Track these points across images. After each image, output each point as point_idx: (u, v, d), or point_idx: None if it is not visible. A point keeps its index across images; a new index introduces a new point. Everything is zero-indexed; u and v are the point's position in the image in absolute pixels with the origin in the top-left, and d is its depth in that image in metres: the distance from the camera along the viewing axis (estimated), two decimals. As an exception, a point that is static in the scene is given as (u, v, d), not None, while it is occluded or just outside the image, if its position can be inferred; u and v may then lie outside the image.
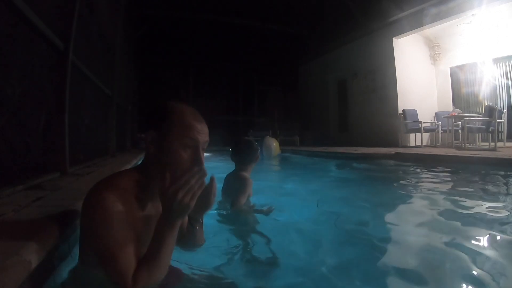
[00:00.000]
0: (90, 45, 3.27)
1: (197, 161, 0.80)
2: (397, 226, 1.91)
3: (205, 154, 0.85)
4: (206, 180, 0.79)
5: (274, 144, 6.48)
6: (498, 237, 1.53)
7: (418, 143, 6.81)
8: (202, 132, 0.83)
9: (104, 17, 4.03)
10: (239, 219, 1.90)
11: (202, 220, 1.03)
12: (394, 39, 7.40)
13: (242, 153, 2.03)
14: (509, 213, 1.95)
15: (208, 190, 0.84)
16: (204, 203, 0.86)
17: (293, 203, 2.61)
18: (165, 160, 0.79)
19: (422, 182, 3.36)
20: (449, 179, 3.43)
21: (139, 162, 0.93)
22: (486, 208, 2.10)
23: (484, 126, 5.66)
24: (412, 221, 1.98)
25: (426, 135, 7.33)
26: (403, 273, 1.24)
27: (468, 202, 2.28)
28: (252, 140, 2.11)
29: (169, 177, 0.75)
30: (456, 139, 6.71)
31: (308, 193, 3.03)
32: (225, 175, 2.15)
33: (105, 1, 4.10)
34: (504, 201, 2.28)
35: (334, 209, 2.37)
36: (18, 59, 1.62)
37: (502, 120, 6.17)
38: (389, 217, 2.09)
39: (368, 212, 2.23)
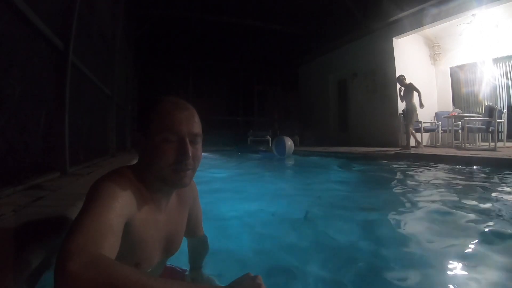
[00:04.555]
0: (90, 45, 3.27)
1: (182, 154, 0.72)
2: (396, 226, 1.91)
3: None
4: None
5: (289, 143, 6.65)
6: (498, 237, 1.53)
7: (418, 143, 6.81)
8: (186, 122, 0.73)
9: (104, 17, 4.03)
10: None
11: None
12: (394, 39, 7.39)
13: None
14: (509, 213, 1.95)
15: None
16: None
17: (292, 203, 2.62)
18: (150, 158, 0.74)
19: (422, 182, 3.36)
20: (449, 179, 3.43)
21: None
22: (486, 208, 2.11)
23: (484, 126, 5.66)
24: (412, 222, 1.99)
25: (426, 135, 7.33)
26: (403, 273, 1.24)
27: (468, 202, 2.28)
28: None
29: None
30: (456, 139, 6.71)
31: (307, 193, 3.04)
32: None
33: (105, 1, 4.10)
34: (504, 201, 2.28)
35: (333, 209, 2.37)
36: (18, 59, 1.62)
37: (502, 120, 6.17)
38: (388, 218, 2.09)
39: (368, 213, 2.23)
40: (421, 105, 5.97)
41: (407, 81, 6.08)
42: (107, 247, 0.55)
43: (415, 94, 5.94)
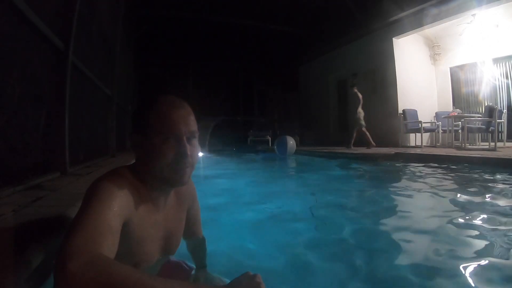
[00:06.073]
0: (90, 45, 3.27)
1: (181, 154, 0.73)
2: (396, 226, 1.91)
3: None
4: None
5: (292, 143, 6.68)
6: (499, 237, 1.53)
7: (418, 143, 6.81)
8: (183, 121, 0.74)
9: (104, 17, 4.03)
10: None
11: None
12: (394, 39, 7.39)
13: None
14: (509, 213, 1.95)
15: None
16: None
17: (292, 203, 2.62)
18: (149, 158, 0.74)
19: (422, 182, 3.36)
20: (449, 179, 3.43)
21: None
22: (486, 208, 2.11)
23: (484, 126, 5.66)
24: (412, 222, 1.99)
25: (426, 135, 7.33)
26: (403, 274, 1.24)
27: (468, 203, 2.28)
28: None
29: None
30: (456, 139, 6.71)
31: (306, 194, 3.04)
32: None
33: (105, 1, 4.10)
34: (504, 201, 2.28)
35: (333, 210, 2.37)
36: (18, 59, 1.62)
37: (502, 120, 6.17)
38: (388, 218, 2.10)
39: (367, 213, 2.23)
40: (360, 112, 7.01)
41: (356, 89, 7.11)
42: (106, 247, 0.55)
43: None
